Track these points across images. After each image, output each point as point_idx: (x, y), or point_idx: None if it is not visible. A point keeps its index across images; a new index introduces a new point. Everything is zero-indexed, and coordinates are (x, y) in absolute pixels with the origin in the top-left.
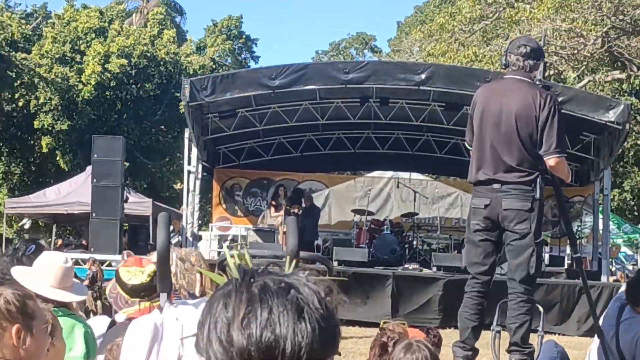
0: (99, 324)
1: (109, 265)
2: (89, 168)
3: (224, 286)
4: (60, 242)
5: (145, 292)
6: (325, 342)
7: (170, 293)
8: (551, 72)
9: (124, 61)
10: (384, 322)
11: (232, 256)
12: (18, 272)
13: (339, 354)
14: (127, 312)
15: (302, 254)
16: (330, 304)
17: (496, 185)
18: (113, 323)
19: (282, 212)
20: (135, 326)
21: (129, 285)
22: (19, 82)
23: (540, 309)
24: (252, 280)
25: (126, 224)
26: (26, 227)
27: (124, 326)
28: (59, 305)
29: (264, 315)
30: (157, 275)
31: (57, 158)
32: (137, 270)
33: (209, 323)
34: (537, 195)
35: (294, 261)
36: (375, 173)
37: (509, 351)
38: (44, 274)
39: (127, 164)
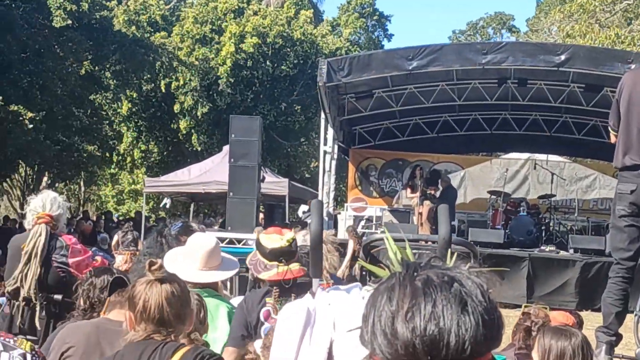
0: None
1: (245, 243)
2: (226, 148)
3: (387, 280)
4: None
5: (284, 256)
6: (489, 334)
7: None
8: None
9: (257, 40)
10: (525, 306)
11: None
12: (168, 259)
13: None
14: (266, 275)
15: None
16: (492, 296)
17: None
18: None
19: (418, 193)
20: (288, 311)
21: (268, 249)
22: (158, 63)
23: None
24: (415, 273)
25: (262, 204)
26: (167, 206)
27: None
28: (204, 286)
29: (427, 309)
30: (310, 261)
31: (193, 138)
32: (277, 237)
33: (373, 316)
34: None
35: (455, 253)
36: (512, 154)
37: None
38: (192, 257)
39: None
